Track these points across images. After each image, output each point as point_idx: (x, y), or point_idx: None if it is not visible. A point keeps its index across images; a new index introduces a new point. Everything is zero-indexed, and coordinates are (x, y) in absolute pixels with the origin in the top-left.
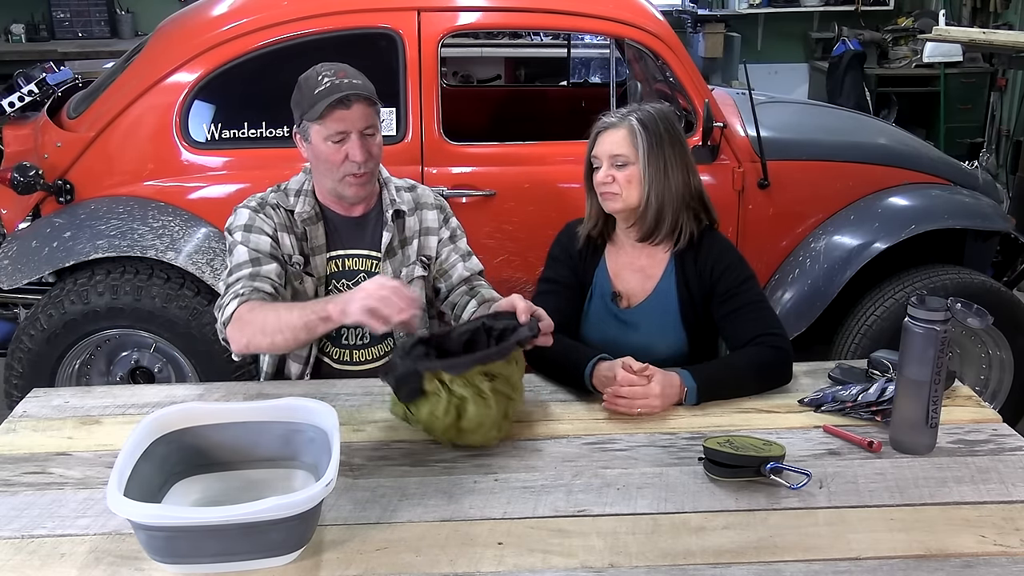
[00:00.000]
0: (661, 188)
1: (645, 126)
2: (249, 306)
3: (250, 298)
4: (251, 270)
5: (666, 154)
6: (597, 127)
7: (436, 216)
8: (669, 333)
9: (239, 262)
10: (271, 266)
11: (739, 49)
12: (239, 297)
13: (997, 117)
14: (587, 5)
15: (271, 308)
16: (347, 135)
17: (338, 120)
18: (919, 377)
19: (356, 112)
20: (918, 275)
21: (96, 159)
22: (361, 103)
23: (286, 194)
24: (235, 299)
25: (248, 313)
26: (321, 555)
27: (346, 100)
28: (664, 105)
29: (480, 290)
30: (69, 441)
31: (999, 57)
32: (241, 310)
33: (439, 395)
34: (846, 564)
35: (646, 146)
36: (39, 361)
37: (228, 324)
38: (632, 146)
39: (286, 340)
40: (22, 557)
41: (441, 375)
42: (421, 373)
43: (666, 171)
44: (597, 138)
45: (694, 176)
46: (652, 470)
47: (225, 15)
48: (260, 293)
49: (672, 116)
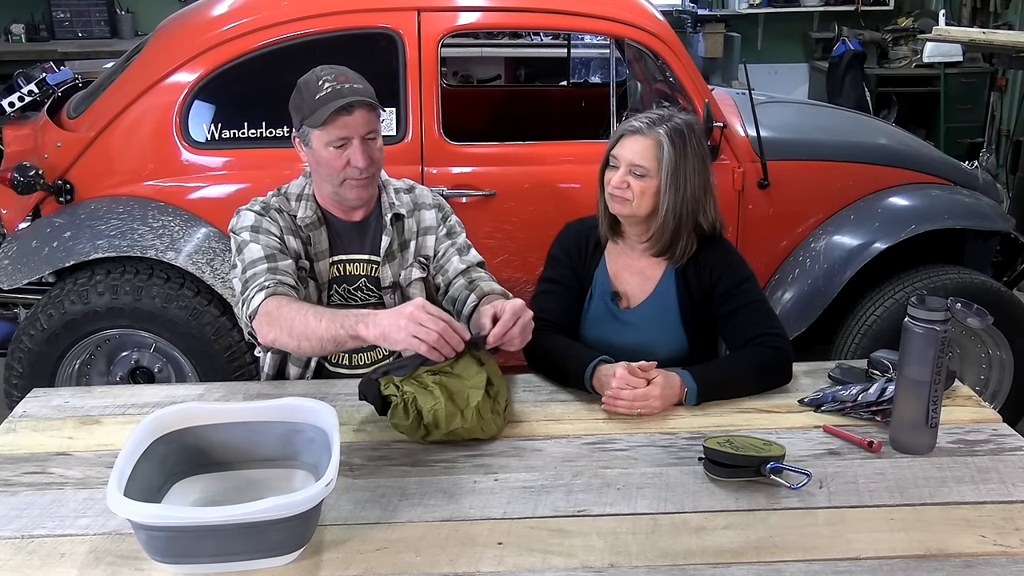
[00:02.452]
0: (677, 205)
1: (673, 142)
2: (277, 301)
3: (276, 291)
4: (269, 264)
5: (687, 171)
6: (623, 128)
7: (434, 215)
8: (669, 333)
9: (254, 258)
10: (287, 262)
11: (739, 49)
12: (264, 289)
13: (997, 117)
14: (587, 5)
15: (299, 309)
16: (349, 140)
17: (340, 126)
18: (919, 377)
19: (358, 118)
20: (918, 275)
21: (96, 159)
22: (363, 109)
23: (287, 198)
24: (260, 291)
25: (276, 309)
26: (321, 555)
27: (348, 107)
28: (691, 117)
29: (479, 283)
30: (69, 441)
31: (999, 57)
32: (269, 304)
33: (397, 397)
34: (846, 564)
35: (670, 163)
36: (39, 361)
37: (255, 317)
38: (655, 159)
39: (312, 347)
40: (22, 557)
41: (392, 379)
42: (378, 381)
43: (684, 188)
44: (620, 140)
45: (711, 195)
46: (652, 470)
47: (225, 15)
48: (284, 286)
49: (699, 130)
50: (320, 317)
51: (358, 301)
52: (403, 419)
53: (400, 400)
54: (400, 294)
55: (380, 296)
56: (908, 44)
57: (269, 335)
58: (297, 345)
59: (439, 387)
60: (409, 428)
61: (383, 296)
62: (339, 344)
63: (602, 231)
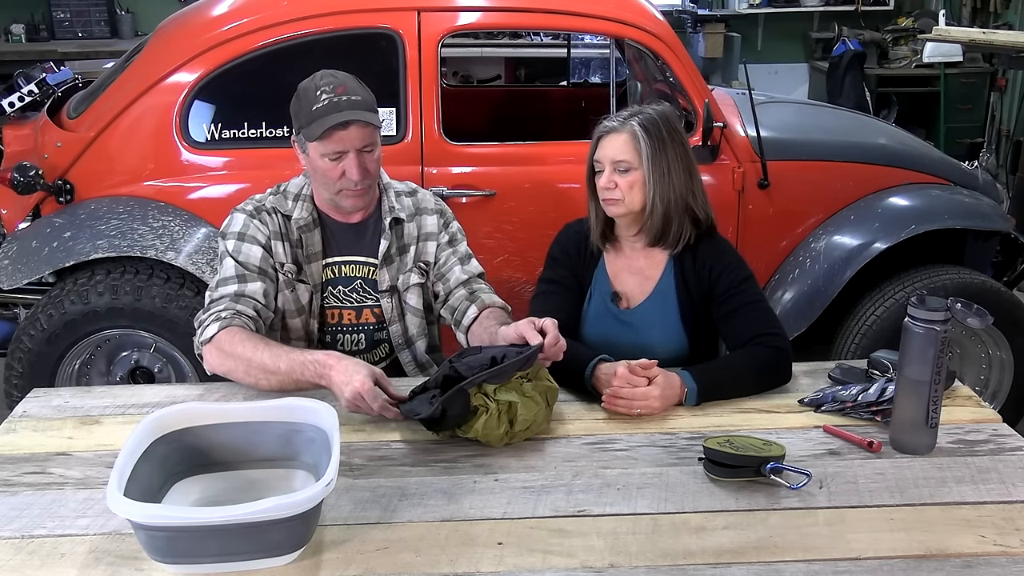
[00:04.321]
0: (665, 192)
1: (647, 130)
2: (231, 334)
3: (232, 323)
4: (236, 288)
5: (669, 157)
6: (599, 131)
7: (436, 221)
8: (669, 333)
9: (225, 276)
10: (256, 285)
11: (739, 49)
12: (220, 321)
13: (997, 117)
14: (587, 5)
15: (254, 347)
16: (345, 153)
17: (336, 141)
18: (919, 377)
19: (354, 133)
20: (918, 275)
21: (96, 159)
22: (359, 124)
23: (284, 197)
24: (216, 322)
25: (230, 344)
26: (321, 555)
27: (344, 123)
28: (665, 106)
29: (480, 295)
30: (69, 441)
31: (999, 57)
32: (222, 337)
33: (486, 407)
34: (846, 564)
35: (649, 151)
36: (39, 361)
37: (206, 344)
38: (635, 151)
39: (270, 384)
40: (22, 557)
41: (485, 388)
42: (467, 392)
43: (669, 174)
44: (599, 142)
45: (696, 178)
46: (652, 470)
47: (225, 15)
48: (242, 317)
49: (674, 117)
50: (278, 357)
51: (354, 303)
52: (494, 428)
53: (496, 409)
54: (398, 299)
55: (377, 299)
56: (908, 44)
57: (221, 367)
58: (254, 381)
59: (540, 394)
60: (493, 436)
61: (380, 299)
62: (300, 385)
63: (595, 239)
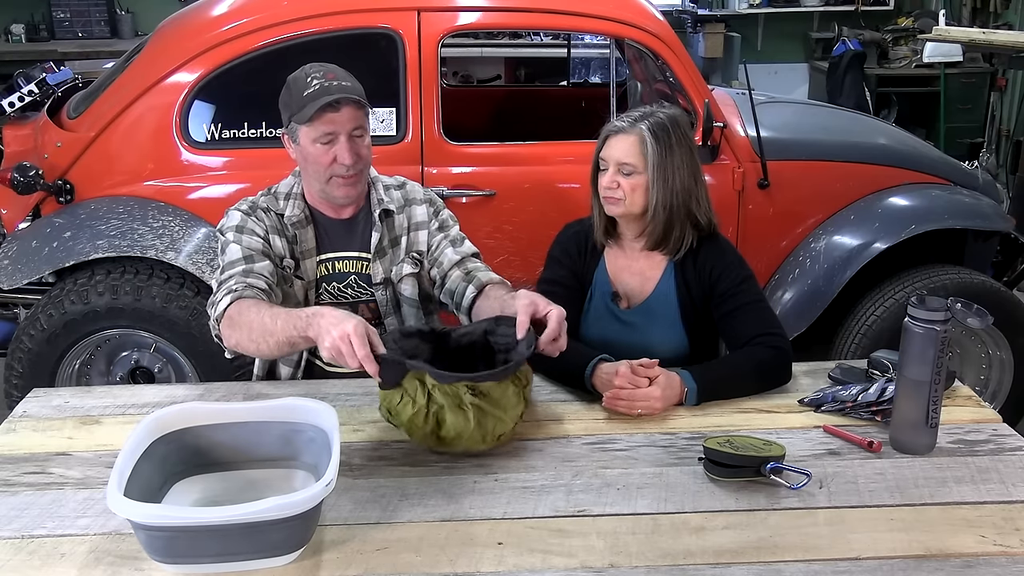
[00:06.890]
0: (668, 197)
1: (656, 135)
2: (240, 305)
3: (243, 295)
4: (244, 267)
5: (675, 163)
6: (607, 129)
7: (425, 210)
8: (669, 333)
9: (232, 259)
10: (264, 263)
11: (739, 49)
12: (232, 293)
13: (997, 117)
14: (587, 5)
15: (258, 312)
16: (335, 136)
17: (327, 122)
18: (919, 377)
19: (345, 114)
20: (918, 275)
21: (96, 159)
22: (350, 105)
23: (276, 197)
24: (228, 295)
25: (238, 314)
26: (321, 555)
27: (335, 103)
28: (676, 110)
29: (476, 274)
30: (69, 441)
31: (999, 57)
32: (232, 309)
33: (417, 399)
34: (846, 564)
35: (655, 157)
36: (39, 361)
37: (221, 321)
38: (641, 155)
39: (270, 348)
40: (22, 557)
41: (424, 376)
42: (405, 367)
43: (673, 180)
44: (606, 141)
45: (701, 184)
46: (652, 470)
47: (225, 15)
48: (254, 289)
49: (684, 122)
50: (276, 317)
51: (349, 299)
52: (419, 425)
53: (424, 407)
54: (392, 290)
55: (372, 293)
56: (908, 44)
57: (232, 339)
58: (256, 348)
59: (475, 410)
60: (416, 432)
61: (375, 293)
62: (293, 345)
63: (597, 236)
